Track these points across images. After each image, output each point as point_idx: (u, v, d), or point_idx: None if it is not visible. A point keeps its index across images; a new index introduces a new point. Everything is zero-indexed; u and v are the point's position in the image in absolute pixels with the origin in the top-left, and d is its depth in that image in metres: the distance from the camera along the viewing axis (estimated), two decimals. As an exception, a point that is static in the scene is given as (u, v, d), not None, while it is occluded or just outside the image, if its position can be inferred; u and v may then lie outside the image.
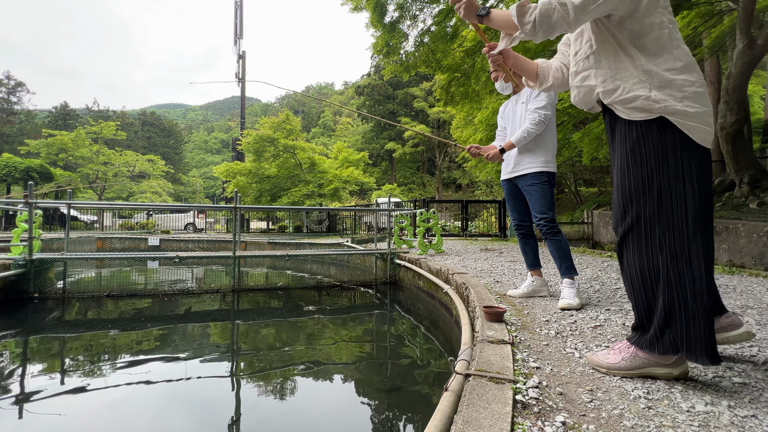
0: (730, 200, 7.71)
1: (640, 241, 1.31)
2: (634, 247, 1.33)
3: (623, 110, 1.33)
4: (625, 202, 1.35)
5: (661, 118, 1.26)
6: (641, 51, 1.29)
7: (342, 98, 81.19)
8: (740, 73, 7.26)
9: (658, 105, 1.25)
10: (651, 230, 1.28)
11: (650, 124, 1.28)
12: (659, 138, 1.27)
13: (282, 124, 17.55)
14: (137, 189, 34.19)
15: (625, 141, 1.34)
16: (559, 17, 1.26)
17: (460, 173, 37.49)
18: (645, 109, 1.27)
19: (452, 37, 8.54)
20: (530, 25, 1.29)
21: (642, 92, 1.27)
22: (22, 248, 4.73)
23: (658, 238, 1.27)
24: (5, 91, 44.13)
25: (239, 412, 2.18)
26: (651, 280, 1.29)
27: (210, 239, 12.47)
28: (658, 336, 1.29)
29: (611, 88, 1.34)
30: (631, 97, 1.29)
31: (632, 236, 1.33)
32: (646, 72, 1.28)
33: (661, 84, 1.26)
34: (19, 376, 2.58)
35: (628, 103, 1.30)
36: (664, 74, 1.26)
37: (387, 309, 4.84)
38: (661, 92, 1.25)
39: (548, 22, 1.27)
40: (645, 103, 1.27)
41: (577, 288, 2.52)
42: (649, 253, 1.29)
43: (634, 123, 1.32)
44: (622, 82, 1.31)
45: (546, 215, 2.59)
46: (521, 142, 2.61)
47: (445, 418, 1.11)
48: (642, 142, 1.30)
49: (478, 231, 12.08)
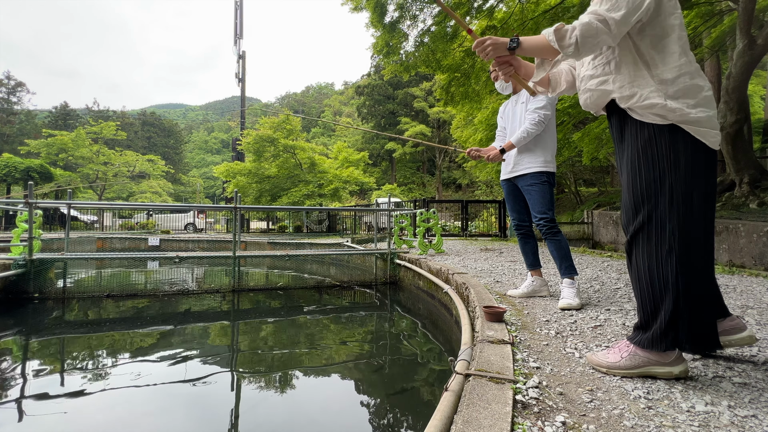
0: (730, 200, 7.71)
1: (651, 241, 1.33)
2: (644, 245, 1.35)
3: (638, 112, 1.36)
4: (636, 202, 1.36)
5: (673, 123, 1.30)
6: (660, 55, 1.32)
7: (342, 98, 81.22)
8: (740, 73, 7.25)
9: (674, 114, 1.28)
10: (662, 230, 1.30)
11: (662, 127, 1.31)
12: (671, 139, 1.30)
13: (282, 124, 17.55)
14: (137, 189, 34.20)
15: (637, 140, 1.36)
16: (603, 34, 1.27)
17: (460, 173, 37.51)
18: (660, 116, 1.31)
19: (452, 37, 8.54)
20: (572, 47, 1.30)
21: (658, 101, 1.30)
22: (22, 248, 4.73)
23: (668, 237, 1.29)
24: (5, 91, 44.15)
25: (239, 412, 2.18)
26: (660, 280, 1.31)
27: (210, 239, 12.47)
28: (662, 334, 1.31)
29: (628, 94, 1.36)
30: (648, 104, 1.32)
31: (643, 235, 1.35)
32: (661, 82, 1.31)
33: (675, 93, 1.29)
34: (19, 376, 2.58)
35: (645, 109, 1.33)
36: (678, 81, 1.29)
37: (387, 309, 4.84)
38: (676, 102, 1.28)
39: (592, 41, 1.28)
40: (661, 110, 1.30)
41: (577, 288, 2.52)
42: (659, 253, 1.31)
43: (646, 124, 1.34)
44: (639, 90, 1.34)
45: (545, 215, 2.59)
46: (521, 143, 2.61)
47: (445, 418, 1.11)
48: (654, 143, 1.32)
49: (478, 231, 12.08)
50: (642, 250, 1.36)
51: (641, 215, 1.35)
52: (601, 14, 1.26)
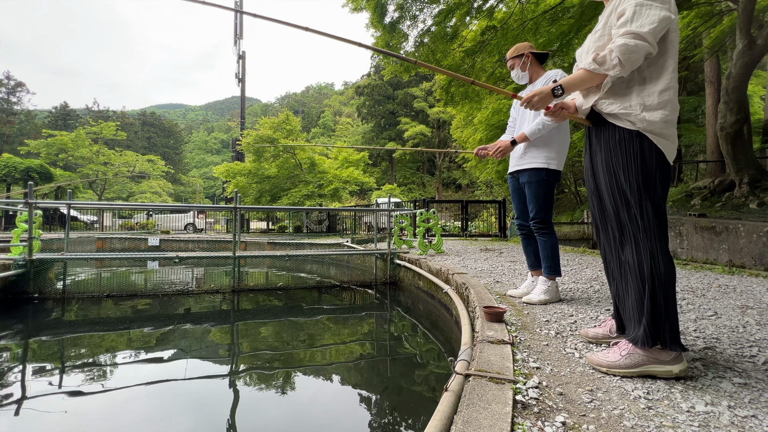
0: (730, 200, 7.72)
1: (632, 241, 1.43)
2: (630, 246, 1.43)
3: (610, 117, 1.46)
4: (615, 203, 1.46)
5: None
6: (656, 72, 1.41)
7: (342, 98, 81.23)
8: (740, 73, 7.26)
9: (642, 124, 1.39)
10: (648, 226, 1.39)
11: (632, 132, 1.41)
12: (640, 145, 1.40)
13: (282, 124, 17.55)
14: (137, 189, 34.21)
15: (609, 141, 1.48)
16: (642, 49, 1.34)
17: (460, 173, 37.51)
18: (632, 122, 1.41)
19: (452, 38, 8.54)
20: (617, 68, 1.37)
21: (635, 111, 1.40)
22: (22, 248, 4.73)
23: (644, 237, 1.40)
24: (5, 91, 44.16)
25: (239, 412, 2.18)
26: (642, 278, 1.39)
27: (210, 239, 12.47)
28: (651, 329, 1.36)
29: (609, 101, 1.47)
30: (624, 113, 1.42)
31: (627, 234, 1.45)
32: (646, 96, 1.41)
33: (652, 107, 1.39)
34: (18, 377, 2.58)
35: (620, 117, 1.43)
36: (659, 97, 1.39)
37: (387, 309, 4.84)
38: (651, 113, 1.39)
39: (635, 57, 1.35)
40: (634, 118, 1.40)
41: (552, 288, 2.55)
42: (639, 252, 1.40)
43: (617, 128, 1.45)
44: (622, 102, 1.44)
45: (538, 216, 2.58)
46: (535, 135, 2.52)
47: (445, 419, 1.11)
48: (624, 146, 1.43)
49: (478, 231, 12.08)
50: (632, 249, 1.43)
51: (621, 216, 1.45)
52: (634, 31, 1.33)
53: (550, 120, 2.49)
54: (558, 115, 1.61)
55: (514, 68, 2.66)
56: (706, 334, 1.87)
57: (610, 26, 1.45)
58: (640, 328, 1.37)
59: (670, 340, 1.34)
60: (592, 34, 1.56)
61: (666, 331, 1.34)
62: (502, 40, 8.24)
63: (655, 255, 1.37)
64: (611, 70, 1.38)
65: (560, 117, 1.61)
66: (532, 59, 2.61)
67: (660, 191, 1.40)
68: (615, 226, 1.49)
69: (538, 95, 1.53)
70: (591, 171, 1.59)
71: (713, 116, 10.05)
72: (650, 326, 1.35)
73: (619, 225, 1.47)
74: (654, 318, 1.35)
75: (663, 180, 1.40)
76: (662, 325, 1.35)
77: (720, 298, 2.67)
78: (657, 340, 1.36)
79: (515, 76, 2.69)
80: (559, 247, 2.66)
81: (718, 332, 1.90)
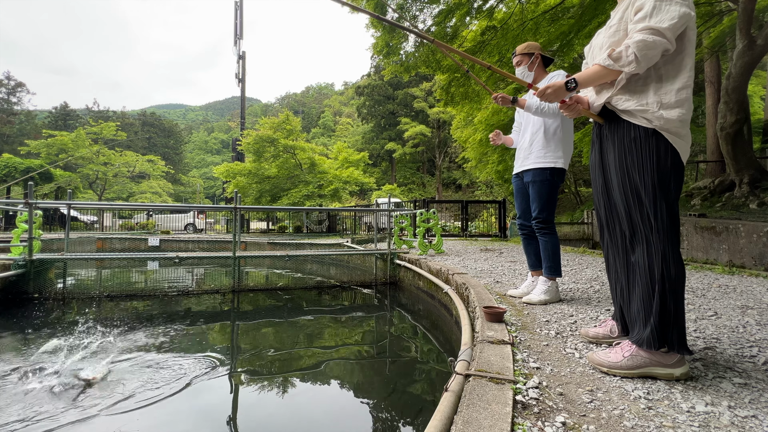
0: (730, 200, 7.72)
1: (644, 242, 1.39)
2: (641, 247, 1.40)
3: (625, 114, 1.41)
4: (628, 203, 1.42)
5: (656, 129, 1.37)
6: (673, 70, 1.38)
7: (342, 98, 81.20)
8: (740, 73, 7.26)
9: (659, 122, 1.35)
10: (660, 227, 1.36)
11: (647, 130, 1.37)
12: (656, 144, 1.36)
13: (282, 124, 17.54)
14: (137, 189, 34.18)
15: (623, 139, 1.43)
16: (660, 45, 1.32)
17: (460, 173, 37.50)
18: (648, 120, 1.37)
19: (452, 38, 8.54)
20: (632, 64, 1.34)
21: (652, 108, 1.37)
22: (22, 248, 4.73)
23: (656, 239, 1.35)
24: (5, 91, 44.18)
25: (239, 412, 2.18)
26: (652, 280, 1.35)
27: (210, 239, 12.47)
28: (658, 332, 1.33)
29: (625, 98, 1.43)
30: (641, 110, 1.38)
31: (639, 235, 1.41)
32: (663, 94, 1.37)
33: (669, 105, 1.35)
34: (18, 377, 2.58)
35: (636, 114, 1.39)
36: (677, 95, 1.35)
37: (387, 309, 4.83)
38: (668, 111, 1.35)
39: (652, 53, 1.33)
40: (651, 116, 1.36)
41: (551, 288, 2.55)
42: (651, 254, 1.36)
43: (632, 125, 1.40)
44: (639, 99, 1.40)
45: (540, 215, 2.58)
46: (533, 106, 2.49)
47: (445, 419, 1.11)
48: (639, 144, 1.39)
49: (478, 231, 12.08)
50: (642, 251, 1.39)
51: (633, 217, 1.41)
52: (653, 27, 1.31)
53: (550, 112, 2.48)
54: (573, 110, 1.57)
55: (521, 65, 2.63)
56: (706, 335, 1.87)
57: (626, 21, 1.42)
58: (646, 330, 1.35)
59: (678, 344, 1.33)
60: (606, 29, 1.53)
61: (674, 334, 1.32)
62: (502, 41, 8.24)
63: (667, 257, 1.33)
64: (627, 66, 1.35)
65: (575, 112, 1.58)
66: (539, 61, 2.61)
67: (674, 192, 1.36)
68: (626, 226, 1.45)
69: (551, 87, 1.52)
70: (600, 169, 1.55)
71: (713, 116, 10.05)
72: (657, 329, 1.32)
73: (631, 225, 1.43)
74: (662, 321, 1.32)
75: (677, 180, 1.36)
76: (670, 329, 1.32)
77: (720, 298, 2.67)
78: (664, 343, 1.34)
79: (520, 73, 2.66)
80: (560, 247, 2.67)
81: (719, 332, 1.90)
